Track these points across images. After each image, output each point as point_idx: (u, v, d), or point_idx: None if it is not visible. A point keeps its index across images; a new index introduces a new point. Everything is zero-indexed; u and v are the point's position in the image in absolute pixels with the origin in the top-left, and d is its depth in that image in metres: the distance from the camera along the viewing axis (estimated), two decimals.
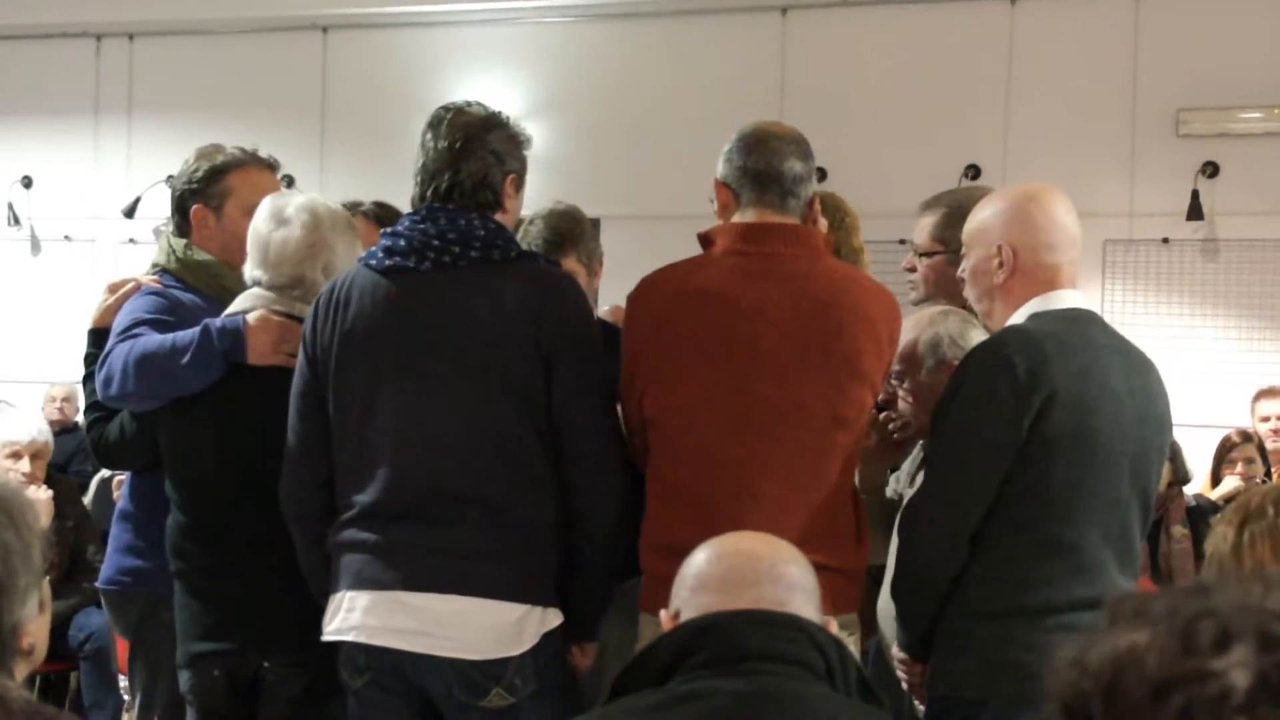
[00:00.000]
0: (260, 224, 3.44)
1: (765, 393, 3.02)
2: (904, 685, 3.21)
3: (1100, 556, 2.93)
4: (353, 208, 4.40)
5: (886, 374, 3.16)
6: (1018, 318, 3.01)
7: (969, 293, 3.17)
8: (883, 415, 3.42)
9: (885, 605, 3.40)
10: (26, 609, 2.02)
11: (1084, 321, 3.03)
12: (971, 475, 2.91)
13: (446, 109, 3.20)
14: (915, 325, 3.43)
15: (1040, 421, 2.86)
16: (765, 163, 3.12)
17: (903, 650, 3.15)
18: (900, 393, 3.40)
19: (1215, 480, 6.77)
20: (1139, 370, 3.04)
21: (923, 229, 3.73)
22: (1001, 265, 3.03)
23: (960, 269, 3.20)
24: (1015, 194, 3.12)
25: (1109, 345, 3.02)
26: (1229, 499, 5.79)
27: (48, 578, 2.10)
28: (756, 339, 3.03)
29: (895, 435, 3.45)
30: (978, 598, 2.93)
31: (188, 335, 3.34)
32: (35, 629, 2.05)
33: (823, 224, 3.39)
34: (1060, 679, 1.06)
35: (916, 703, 3.19)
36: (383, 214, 4.24)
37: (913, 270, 3.76)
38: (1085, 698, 1.04)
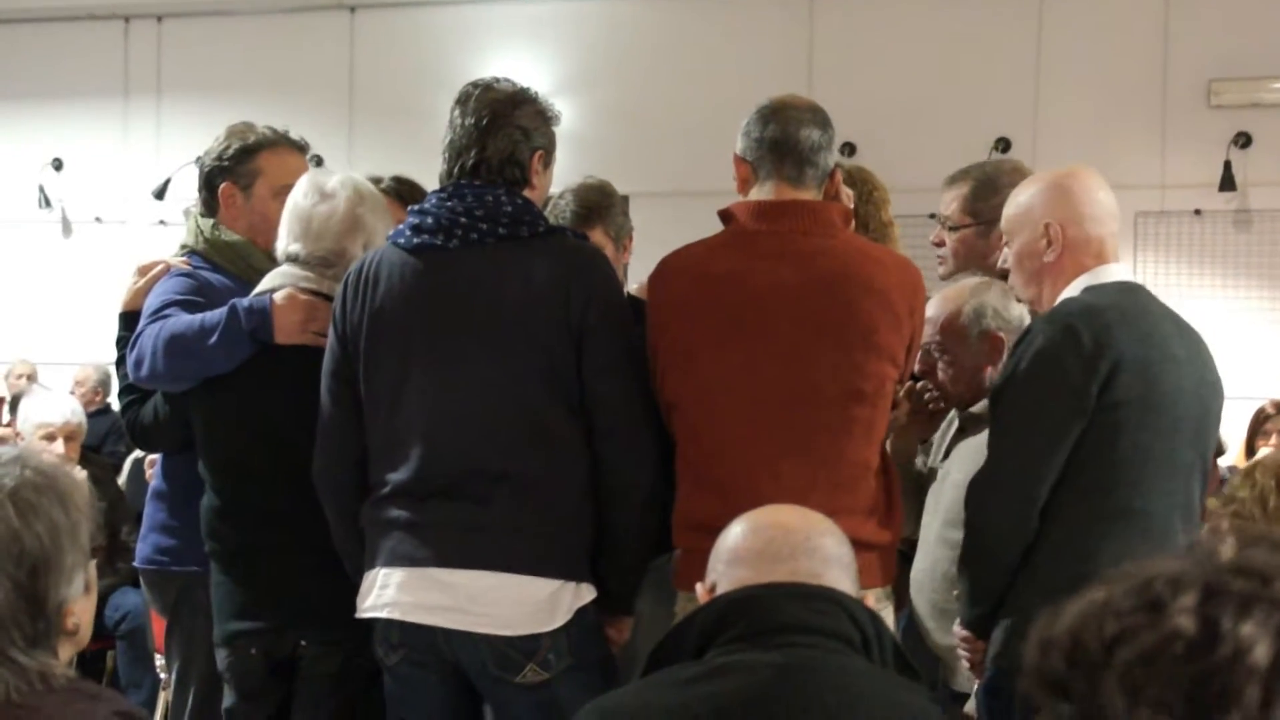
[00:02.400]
0: (301, 198, 3.43)
1: (778, 372, 3.02)
2: (964, 663, 3.20)
3: (1169, 523, 2.93)
4: (374, 184, 4.40)
5: (909, 346, 3.14)
6: (1071, 291, 3.03)
7: (1015, 279, 3.19)
8: (919, 385, 3.41)
9: (916, 578, 3.40)
10: (72, 588, 2.03)
11: (1136, 291, 3.07)
12: (1041, 446, 2.92)
13: (475, 85, 3.20)
14: (956, 295, 3.42)
15: (1107, 388, 2.88)
16: (781, 131, 3.11)
17: (966, 627, 3.14)
18: (940, 363, 3.39)
19: (1250, 452, 6.74)
20: (1192, 338, 3.08)
21: (950, 202, 3.71)
22: (1050, 244, 3.05)
23: (1001, 259, 3.22)
24: (1051, 175, 3.16)
25: (1163, 313, 3.07)
26: None
27: (94, 560, 2.11)
28: (769, 319, 3.03)
29: (930, 406, 3.45)
30: (1046, 569, 2.92)
31: (215, 315, 3.34)
32: (80, 609, 2.06)
33: (847, 194, 3.38)
34: (1031, 655, 1.07)
35: (974, 680, 3.18)
36: (403, 189, 4.23)
37: (940, 245, 3.74)
38: (1053, 668, 1.04)
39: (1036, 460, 2.91)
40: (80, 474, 5.35)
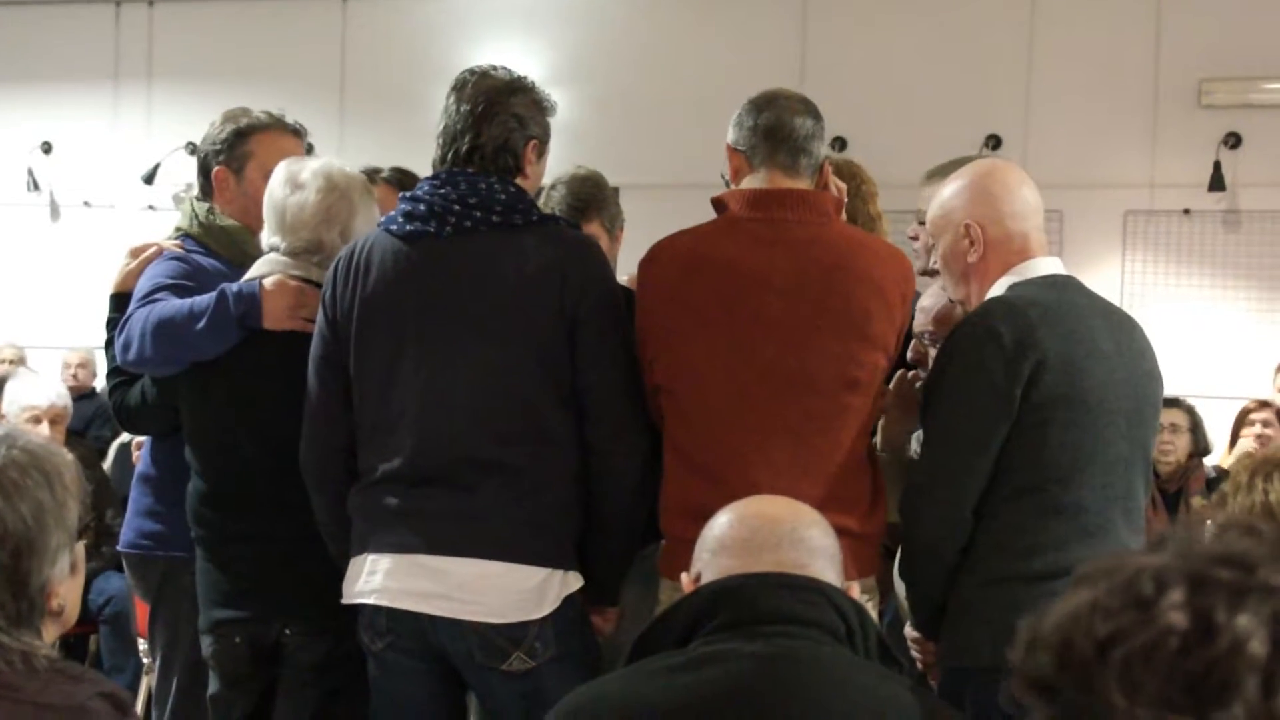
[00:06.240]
0: (275, 189, 3.43)
1: (772, 358, 3.03)
2: (918, 665, 3.21)
3: (1106, 517, 2.93)
4: (372, 174, 4.39)
5: (900, 336, 3.16)
6: (997, 289, 3.02)
7: (944, 280, 3.19)
8: (911, 374, 3.42)
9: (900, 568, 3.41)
10: (57, 569, 2.02)
11: (1063, 286, 3.03)
12: (968, 450, 2.91)
13: (471, 72, 3.20)
14: None
15: (1031, 388, 2.86)
16: (775, 119, 3.12)
17: (914, 629, 3.16)
18: (931, 353, 3.40)
19: (1233, 445, 6.73)
20: (1123, 329, 3.05)
21: (929, 198, 3.71)
22: (972, 244, 3.04)
23: (931, 260, 3.21)
24: (970, 172, 3.14)
25: (1091, 307, 3.03)
26: None
27: (82, 541, 2.11)
28: (763, 305, 3.04)
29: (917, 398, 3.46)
30: (985, 566, 2.92)
31: (204, 300, 3.34)
32: (65, 590, 2.05)
33: (839, 186, 3.38)
34: (1019, 656, 1.08)
35: (930, 680, 3.20)
36: (404, 179, 4.24)
37: (917, 239, 3.75)
38: (1042, 669, 1.05)
39: (965, 467, 2.91)
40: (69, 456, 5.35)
